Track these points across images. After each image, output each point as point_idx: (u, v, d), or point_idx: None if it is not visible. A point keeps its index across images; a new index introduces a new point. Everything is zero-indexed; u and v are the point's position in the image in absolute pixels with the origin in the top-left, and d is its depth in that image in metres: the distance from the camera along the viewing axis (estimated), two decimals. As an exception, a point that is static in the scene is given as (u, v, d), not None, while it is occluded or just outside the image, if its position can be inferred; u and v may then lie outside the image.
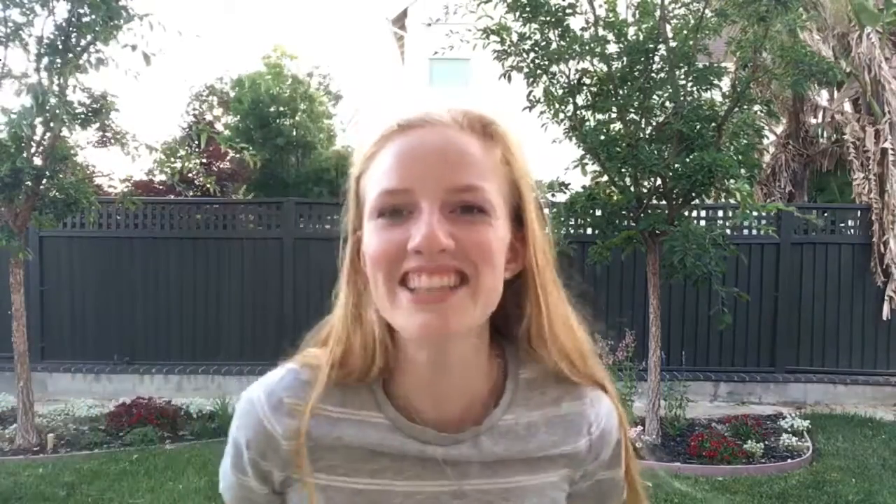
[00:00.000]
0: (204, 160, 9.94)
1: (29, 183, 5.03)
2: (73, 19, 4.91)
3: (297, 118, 13.45)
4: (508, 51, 5.21)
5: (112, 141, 5.48)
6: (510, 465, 0.80)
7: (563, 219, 5.52)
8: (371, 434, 0.78)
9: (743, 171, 4.89)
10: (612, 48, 5.16)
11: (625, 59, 5.12)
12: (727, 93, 5.29)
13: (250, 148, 6.20)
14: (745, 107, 5.20)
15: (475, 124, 0.75)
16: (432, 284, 0.70)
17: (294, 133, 13.37)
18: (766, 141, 6.55)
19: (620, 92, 5.15)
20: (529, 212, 0.78)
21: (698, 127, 4.96)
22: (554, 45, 5.11)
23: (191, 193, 9.69)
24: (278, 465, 0.80)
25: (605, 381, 0.87)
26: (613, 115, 5.25)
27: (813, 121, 8.98)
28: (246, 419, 0.83)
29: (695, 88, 5.12)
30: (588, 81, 5.28)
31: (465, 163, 0.73)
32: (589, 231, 6.34)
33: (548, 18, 5.05)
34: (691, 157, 4.86)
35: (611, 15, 5.20)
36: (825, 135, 8.88)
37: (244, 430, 0.83)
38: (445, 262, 0.70)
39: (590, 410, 0.85)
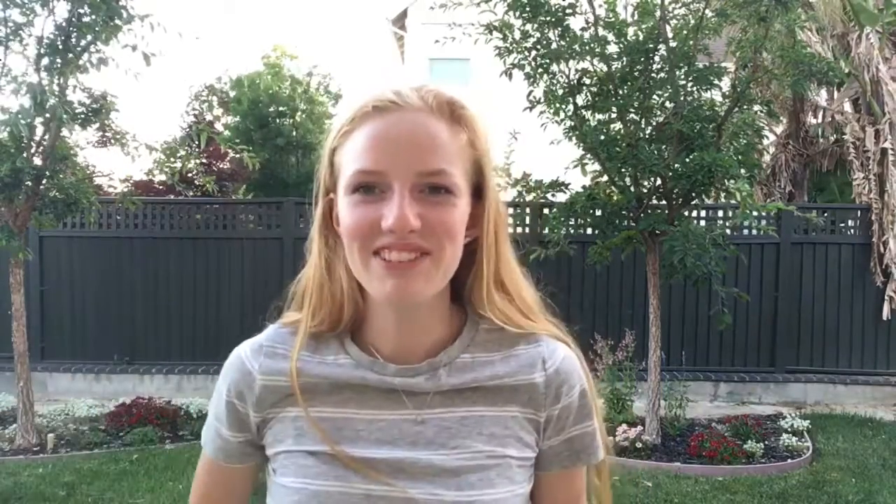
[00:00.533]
0: (204, 160, 9.93)
1: (29, 183, 5.03)
2: (74, 19, 4.91)
3: (296, 118, 13.45)
4: (510, 48, 5.21)
5: (112, 141, 5.48)
6: (466, 395, 0.87)
7: (563, 219, 5.52)
8: (336, 371, 0.87)
9: (743, 171, 4.89)
10: (612, 48, 5.15)
11: (625, 59, 5.12)
12: (727, 93, 5.29)
13: (250, 149, 6.20)
14: (745, 107, 5.20)
15: (444, 107, 0.82)
16: (401, 258, 0.79)
17: (294, 133, 13.37)
18: (766, 141, 6.55)
19: (620, 92, 5.15)
20: (488, 187, 0.86)
21: (698, 127, 4.96)
22: (554, 45, 5.11)
23: (191, 193, 9.68)
24: (253, 405, 0.89)
25: (562, 335, 0.94)
26: (613, 115, 5.24)
27: (813, 121, 8.98)
28: (229, 366, 0.92)
29: (695, 88, 5.12)
30: (588, 81, 5.28)
31: (435, 147, 0.79)
32: (589, 231, 6.34)
33: (548, 18, 5.05)
34: (691, 157, 4.86)
35: (611, 15, 5.20)
36: (825, 135, 8.88)
37: (227, 376, 0.92)
38: (414, 241, 0.78)
39: (544, 350, 0.91)
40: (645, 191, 5.23)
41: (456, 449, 0.85)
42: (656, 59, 5.10)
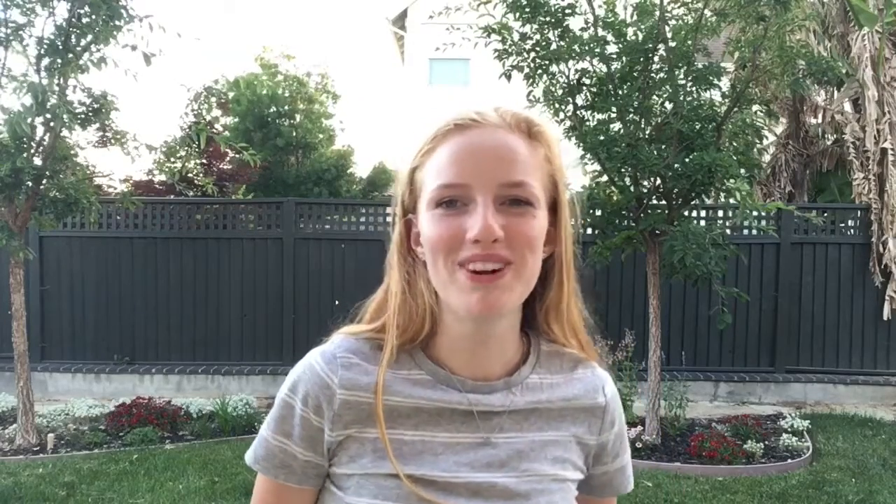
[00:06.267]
0: (204, 161, 9.93)
1: (29, 183, 5.03)
2: (74, 19, 4.91)
3: (296, 119, 13.46)
4: (509, 50, 5.21)
5: (112, 141, 5.47)
6: (532, 418, 0.90)
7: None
8: (414, 390, 0.87)
9: (743, 170, 4.89)
10: (612, 48, 5.16)
11: (624, 59, 5.12)
12: (727, 93, 5.29)
13: (250, 148, 6.19)
14: (745, 107, 5.20)
15: (521, 125, 0.85)
16: (486, 268, 0.80)
17: (294, 134, 13.38)
18: (766, 141, 6.55)
19: (620, 92, 5.15)
20: (563, 203, 0.89)
21: (698, 127, 4.96)
22: (553, 46, 5.11)
23: (191, 193, 9.68)
24: (330, 421, 0.86)
25: (602, 361, 0.99)
26: (613, 116, 5.24)
27: (813, 121, 8.98)
28: (302, 377, 0.89)
29: (694, 88, 5.12)
30: (588, 81, 5.28)
31: (515, 160, 0.82)
32: (589, 231, 6.33)
33: (547, 19, 5.05)
34: (691, 157, 4.86)
35: (610, 15, 5.20)
36: (825, 135, 8.88)
37: (301, 387, 0.88)
38: (497, 252, 0.80)
39: (601, 375, 0.97)
40: (645, 191, 5.24)
41: (526, 472, 0.87)
42: (656, 59, 5.10)
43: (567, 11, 5.07)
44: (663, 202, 5.32)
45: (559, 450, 0.90)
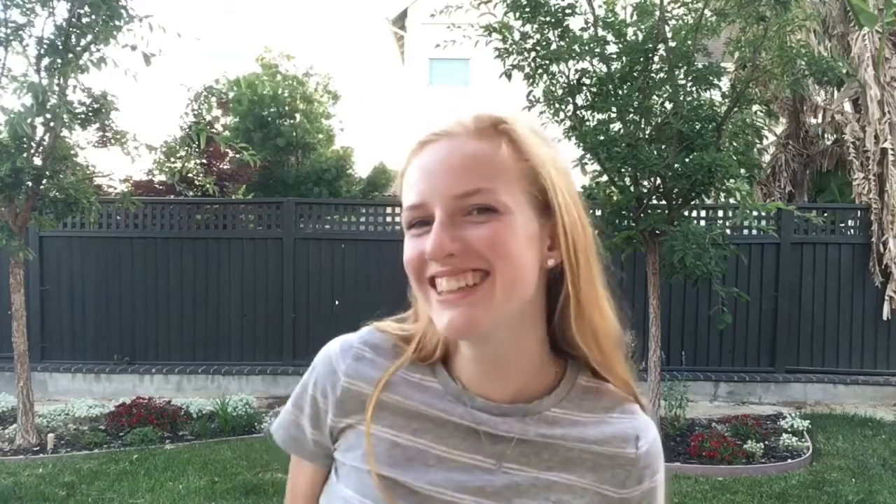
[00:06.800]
0: (204, 161, 9.93)
1: (29, 183, 5.04)
2: (74, 19, 4.91)
3: (296, 119, 13.46)
4: (510, 49, 5.21)
5: (112, 141, 5.48)
6: (548, 455, 0.83)
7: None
8: (422, 396, 0.85)
9: (742, 170, 4.89)
10: (612, 48, 5.16)
11: (624, 59, 5.12)
12: (727, 92, 5.29)
13: (250, 148, 6.19)
14: (745, 107, 5.20)
15: (484, 126, 0.79)
16: (451, 286, 0.76)
17: (294, 134, 13.38)
18: (766, 141, 6.55)
19: (620, 92, 5.15)
20: (555, 200, 0.80)
21: (698, 127, 4.96)
22: (554, 46, 5.11)
23: (191, 193, 9.68)
24: (332, 406, 0.88)
25: (641, 399, 0.90)
26: (613, 115, 5.24)
27: (813, 121, 8.98)
28: (320, 359, 0.91)
29: (694, 88, 5.12)
30: (588, 81, 5.28)
31: (468, 167, 0.77)
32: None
33: (547, 18, 5.05)
34: (691, 157, 4.87)
35: (610, 15, 5.20)
36: (825, 135, 8.88)
37: (314, 370, 0.91)
38: (459, 265, 0.76)
39: (640, 425, 0.87)
40: (645, 191, 5.24)
41: None
42: (655, 59, 5.10)
43: (567, 11, 5.07)
44: (663, 202, 5.32)
45: (567, 494, 0.82)
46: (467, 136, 0.78)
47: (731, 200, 5.27)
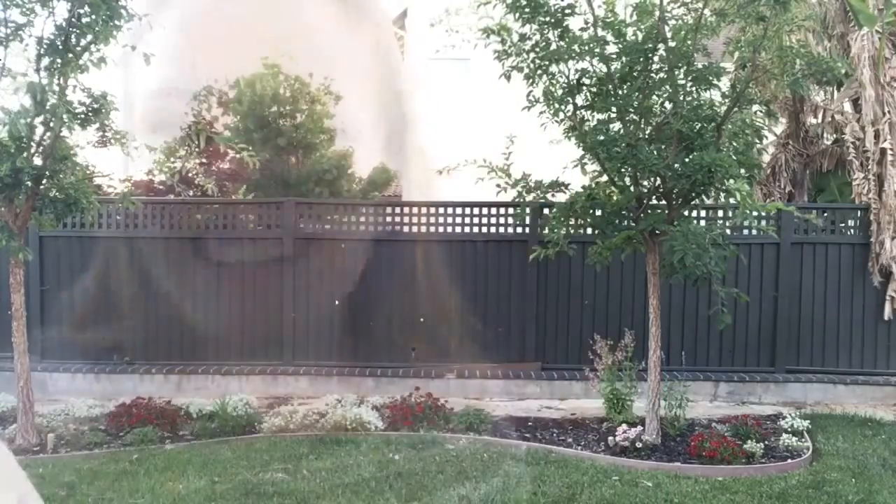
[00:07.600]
0: (204, 160, 9.92)
1: (29, 183, 5.04)
2: (74, 19, 4.91)
3: (297, 118, 13.44)
4: (509, 51, 5.22)
5: (112, 141, 5.48)
6: None
7: (562, 219, 5.52)
8: None
9: (742, 170, 4.89)
10: (612, 48, 5.16)
11: (624, 59, 5.13)
12: (726, 92, 5.29)
13: (250, 148, 6.20)
14: (745, 107, 5.20)
15: None
16: None
17: (295, 134, 13.36)
18: (765, 141, 6.55)
19: (620, 92, 5.15)
20: None
21: (698, 127, 4.96)
22: (553, 46, 5.11)
23: (191, 193, 9.67)
24: None
25: None
26: (613, 115, 5.25)
27: (813, 121, 8.98)
28: None
29: (694, 88, 5.13)
30: (587, 81, 5.28)
31: None
32: (589, 231, 6.34)
33: (547, 19, 5.05)
34: (691, 157, 4.87)
35: (610, 15, 5.20)
36: (825, 135, 8.88)
37: None
38: None
39: None
40: (645, 191, 5.24)
41: None
42: (655, 59, 5.10)
43: (567, 12, 5.07)
44: (663, 202, 5.32)
45: None
46: None
47: (731, 200, 5.27)
